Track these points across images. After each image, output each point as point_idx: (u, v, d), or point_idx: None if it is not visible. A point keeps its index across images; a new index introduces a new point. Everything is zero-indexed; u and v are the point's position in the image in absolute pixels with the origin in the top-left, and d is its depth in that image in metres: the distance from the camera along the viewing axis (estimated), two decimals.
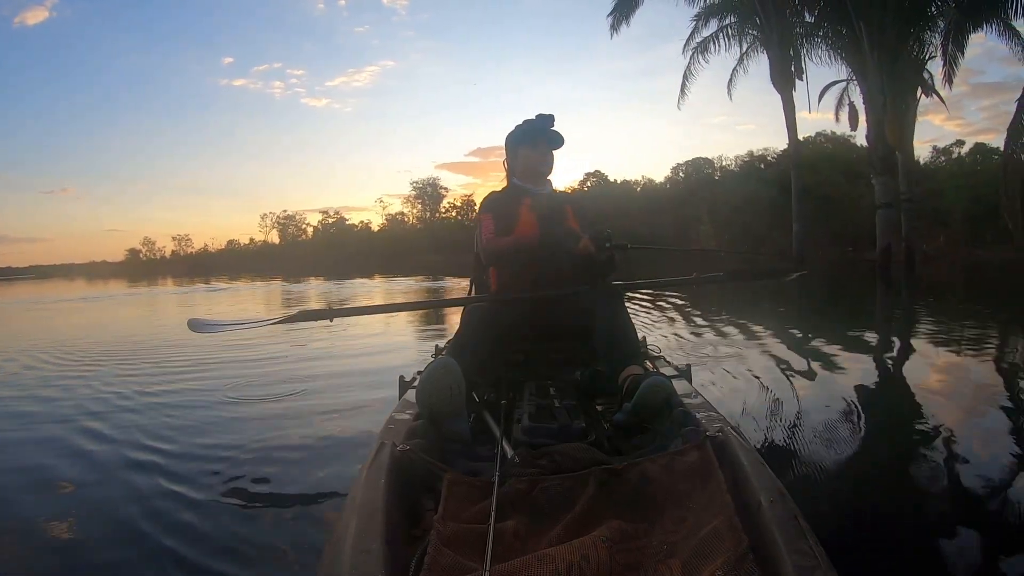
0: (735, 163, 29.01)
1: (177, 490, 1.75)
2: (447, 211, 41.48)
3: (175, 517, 1.56)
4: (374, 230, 43.45)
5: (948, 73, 10.19)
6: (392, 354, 4.10)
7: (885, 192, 10.63)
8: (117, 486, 1.81)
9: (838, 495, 1.67)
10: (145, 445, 2.18)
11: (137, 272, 35.72)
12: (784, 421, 2.30)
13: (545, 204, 1.79)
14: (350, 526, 0.80)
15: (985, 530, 1.43)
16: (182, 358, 4.13)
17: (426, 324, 5.72)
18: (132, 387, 3.22)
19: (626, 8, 11.92)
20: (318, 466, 1.93)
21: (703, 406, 1.28)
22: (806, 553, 0.69)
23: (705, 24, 12.49)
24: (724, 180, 27.23)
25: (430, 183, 41.72)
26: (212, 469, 1.93)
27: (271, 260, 37.03)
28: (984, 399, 2.63)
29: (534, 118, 1.84)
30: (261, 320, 1.99)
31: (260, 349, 4.37)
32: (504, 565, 0.71)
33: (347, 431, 2.27)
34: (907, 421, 2.34)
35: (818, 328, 4.82)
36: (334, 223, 44.90)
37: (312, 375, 3.40)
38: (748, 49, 12.27)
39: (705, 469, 0.90)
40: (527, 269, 1.71)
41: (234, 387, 3.13)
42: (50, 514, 1.63)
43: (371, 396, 2.76)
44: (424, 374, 1.21)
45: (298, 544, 1.41)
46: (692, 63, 12.65)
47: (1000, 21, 9.83)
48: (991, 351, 3.93)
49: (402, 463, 0.96)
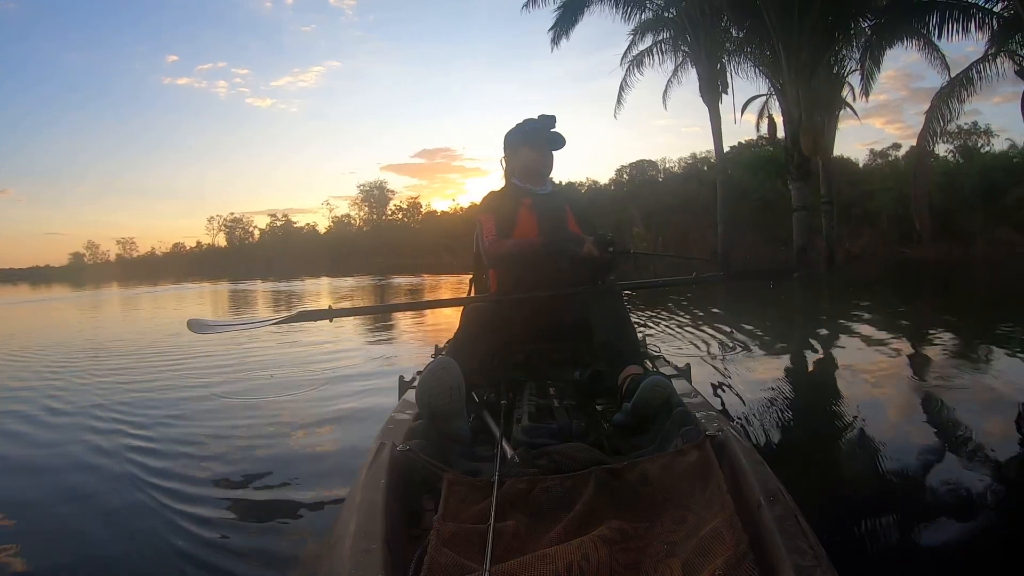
0: (678, 165, 29.47)
1: (176, 490, 1.75)
2: (393, 213, 41.71)
3: (174, 517, 1.56)
4: (321, 233, 43.55)
5: (865, 87, 11.34)
6: (392, 354, 4.10)
7: (800, 196, 11.47)
8: (113, 489, 1.81)
9: (838, 494, 1.67)
10: (145, 444, 2.18)
11: (82, 276, 35.41)
12: (784, 421, 2.30)
13: (545, 205, 1.79)
14: (350, 526, 0.80)
15: (986, 530, 1.43)
16: (172, 359, 4.13)
17: (426, 324, 5.72)
18: (131, 388, 3.22)
19: (566, 24, 12.61)
20: (318, 466, 1.93)
21: (703, 406, 1.28)
22: (806, 553, 0.69)
23: (641, 38, 13.45)
24: (666, 182, 27.50)
25: (377, 186, 41.95)
26: (211, 470, 1.93)
27: (219, 263, 36.98)
28: (989, 400, 2.63)
29: (535, 118, 1.83)
30: (261, 320, 1.99)
31: (260, 349, 4.37)
32: (504, 565, 0.71)
33: (347, 431, 2.27)
34: (906, 419, 2.34)
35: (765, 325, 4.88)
36: (282, 226, 44.94)
37: (311, 375, 3.40)
38: (681, 63, 13.36)
39: (705, 469, 0.90)
40: (528, 270, 1.71)
41: (233, 387, 3.13)
42: (45, 514, 1.64)
43: (370, 396, 2.76)
44: (424, 374, 1.21)
45: (298, 544, 1.42)
46: (628, 75, 13.63)
47: (920, 37, 10.60)
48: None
49: (402, 463, 0.96)
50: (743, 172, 21.11)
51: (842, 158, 20.61)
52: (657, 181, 28.45)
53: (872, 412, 2.41)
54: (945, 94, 9.23)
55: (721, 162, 13.65)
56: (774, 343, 4.24)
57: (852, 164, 21.89)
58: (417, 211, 41.18)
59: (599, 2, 12.44)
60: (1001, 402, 2.57)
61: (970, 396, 2.64)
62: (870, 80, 11.23)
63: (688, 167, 27.62)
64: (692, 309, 5.98)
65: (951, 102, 9.12)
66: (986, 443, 2.02)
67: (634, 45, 13.54)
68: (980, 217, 15.13)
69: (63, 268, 49.18)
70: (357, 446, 2.01)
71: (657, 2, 12.85)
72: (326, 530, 1.31)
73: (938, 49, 10.72)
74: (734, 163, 21.74)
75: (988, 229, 14.87)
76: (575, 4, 12.35)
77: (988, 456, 1.90)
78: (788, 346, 4.18)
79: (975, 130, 20.65)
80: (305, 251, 37.79)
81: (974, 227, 15.14)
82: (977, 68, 9.15)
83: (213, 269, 32.19)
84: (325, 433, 2.29)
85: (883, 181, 17.06)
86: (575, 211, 1.84)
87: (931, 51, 10.84)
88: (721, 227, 12.57)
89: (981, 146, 20.34)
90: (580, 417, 1.29)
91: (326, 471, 1.88)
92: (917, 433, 2.19)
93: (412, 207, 41.51)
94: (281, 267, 27.87)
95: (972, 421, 2.28)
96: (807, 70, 10.63)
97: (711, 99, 12.65)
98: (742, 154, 22.84)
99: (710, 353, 3.71)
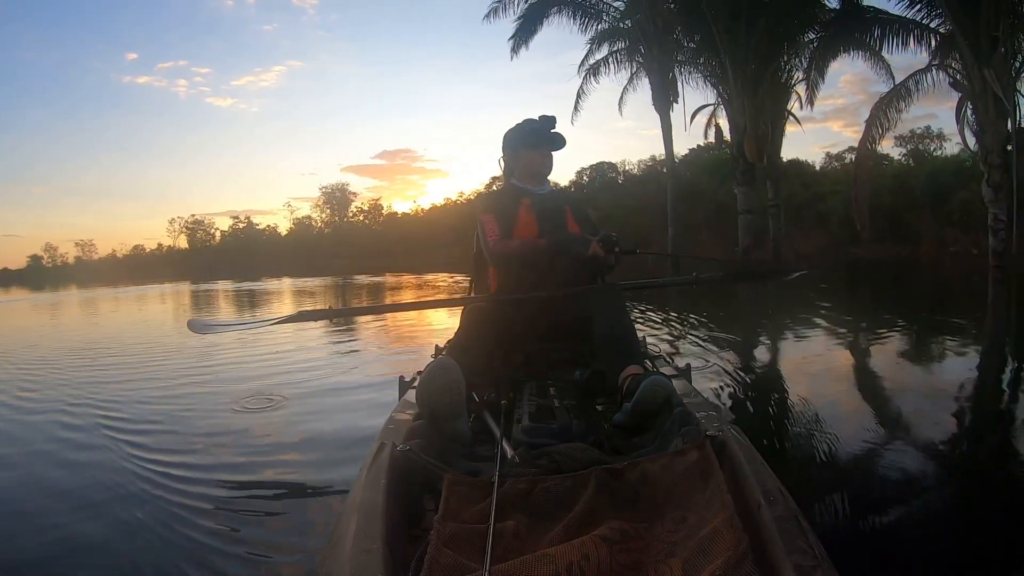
0: (637, 167, 29.45)
1: (176, 491, 1.75)
2: (354, 215, 41.93)
3: (173, 518, 1.56)
4: (282, 235, 43.67)
5: (810, 96, 12.27)
6: (391, 354, 4.10)
7: (746, 200, 12.12)
8: (113, 488, 1.80)
9: (838, 494, 1.67)
10: (144, 446, 2.18)
11: (41, 279, 35.35)
12: (784, 420, 2.30)
13: (544, 205, 1.79)
14: (350, 526, 0.80)
15: (987, 530, 1.43)
16: (168, 360, 4.13)
17: (425, 324, 5.72)
18: (129, 389, 3.22)
19: (525, 35, 13.09)
20: (317, 466, 1.93)
21: (703, 406, 1.28)
22: (806, 552, 0.69)
23: (598, 47, 14.03)
24: (626, 184, 27.46)
25: (339, 188, 42.26)
26: (211, 470, 1.93)
27: (180, 265, 36.90)
28: (987, 397, 2.64)
29: (536, 119, 1.83)
30: (260, 321, 2.00)
31: (259, 350, 4.37)
32: (504, 565, 0.71)
33: (347, 431, 2.27)
34: (904, 418, 2.34)
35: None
36: (244, 228, 45.01)
37: (311, 375, 3.40)
38: (636, 72, 14.03)
39: (705, 469, 0.90)
40: (529, 270, 1.71)
41: (232, 388, 3.13)
42: (44, 514, 1.63)
43: (370, 396, 2.76)
44: (424, 374, 1.21)
45: (298, 544, 1.42)
46: (585, 83, 14.20)
47: (865, 48, 11.19)
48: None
49: (402, 463, 0.96)
50: (700, 174, 21.43)
51: (798, 161, 21.38)
52: (617, 183, 28.47)
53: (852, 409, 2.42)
54: (884, 103, 9.77)
55: (671, 168, 14.41)
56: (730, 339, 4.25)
57: (809, 167, 22.50)
58: (378, 213, 41.57)
59: (557, 13, 12.96)
60: (1002, 402, 2.57)
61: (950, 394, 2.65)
62: (815, 89, 12.14)
63: (648, 169, 27.61)
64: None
65: (890, 111, 9.72)
66: (986, 443, 2.02)
67: (591, 54, 14.16)
68: (928, 218, 15.67)
69: (21, 271, 48.90)
70: (357, 446, 1.99)
71: (613, 14, 13.46)
72: (326, 530, 1.32)
73: (883, 59, 11.28)
74: (692, 165, 22.52)
75: (935, 230, 15.35)
76: (534, 16, 12.87)
77: (988, 456, 1.90)
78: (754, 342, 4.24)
79: (928, 134, 21.55)
80: (267, 253, 37.95)
81: (922, 228, 15.70)
82: (916, 79, 9.74)
83: (175, 271, 32.17)
84: (324, 433, 2.28)
85: (835, 184, 17.44)
86: (574, 212, 1.84)
87: (877, 61, 11.39)
88: (671, 229, 13.21)
89: (934, 150, 21.17)
90: (580, 417, 1.29)
91: (325, 471, 1.87)
92: (917, 433, 2.19)
93: (373, 209, 41.90)
94: (243, 269, 28.02)
95: (972, 420, 2.28)
96: (752, 81, 11.40)
97: (663, 108, 13.41)
98: (700, 156, 23.01)
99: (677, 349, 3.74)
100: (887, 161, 21.21)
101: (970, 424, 2.26)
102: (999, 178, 8.90)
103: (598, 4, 13.18)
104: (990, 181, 8.98)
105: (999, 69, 8.65)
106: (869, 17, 10.52)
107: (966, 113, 9.69)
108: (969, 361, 3.51)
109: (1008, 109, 8.97)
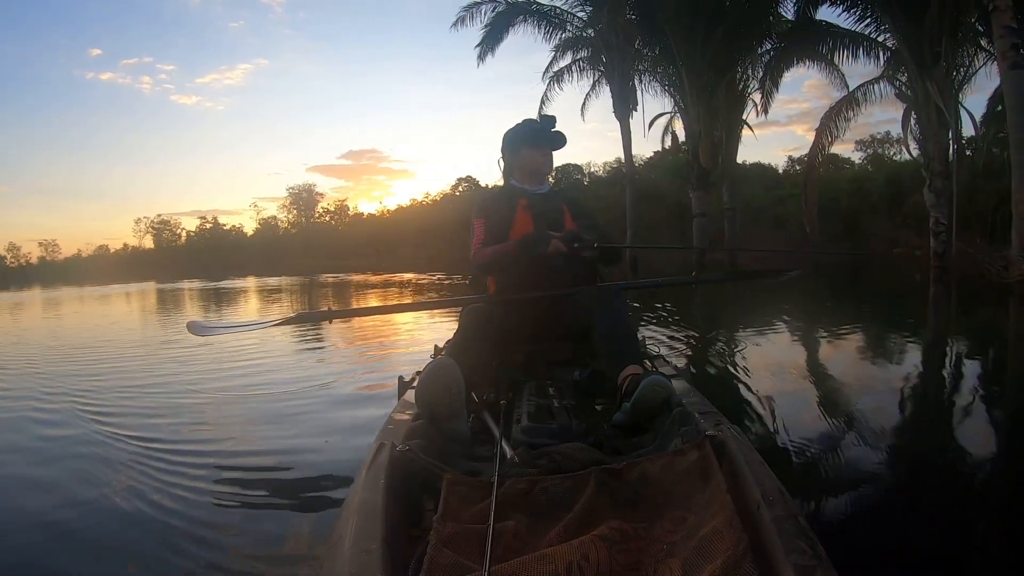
0: (603, 169, 29.62)
1: (175, 491, 1.74)
2: (320, 216, 42.11)
3: (173, 518, 1.56)
4: (248, 235, 43.64)
5: (765, 104, 12.81)
6: (391, 354, 4.10)
7: (700, 204, 12.58)
8: (112, 487, 1.80)
9: (838, 494, 1.67)
10: (144, 445, 2.18)
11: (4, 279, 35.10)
12: (783, 420, 2.30)
13: (541, 205, 1.79)
14: (350, 526, 0.80)
15: (988, 529, 1.43)
16: (165, 360, 4.13)
17: (425, 324, 5.72)
18: (127, 389, 3.22)
19: (491, 42, 13.28)
20: (317, 467, 1.93)
21: (703, 405, 1.28)
22: (806, 553, 0.69)
23: (562, 55, 14.25)
24: (591, 185, 27.54)
25: (306, 189, 42.40)
26: (210, 471, 1.93)
27: (146, 265, 36.75)
28: (988, 398, 2.64)
29: (536, 119, 1.84)
30: (260, 322, 2.00)
31: (258, 350, 4.36)
32: (504, 565, 0.71)
33: (346, 431, 2.27)
34: (903, 416, 2.34)
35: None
36: (210, 228, 44.95)
37: (310, 376, 3.40)
38: (598, 79, 14.36)
39: (705, 469, 0.90)
40: (526, 270, 1.71)
41: (232, 388, 3.13)
42: (41, 512, 1.63)
43: (370, 396, 2.76)
44: (423, 374, 1.21)
45: (298, 544, 1.41)
46: (549, 90, 14.51)
47: (819, 59, 11.72)
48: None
49: (402, 463, 0.96)
50: (663, 176, 21.72)
51: (761, 164, 22.19)
52: (583, 184, 28.54)
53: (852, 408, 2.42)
54: (834, 112, 10.32)
55: (631, 173, 14.85)
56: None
57: (772, 170, 22.94)
58: (344, 213, 41.73)
59: (523, 22, 13.22)
60: (997, 402, 2.57)
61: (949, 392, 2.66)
62: (769, 98, 12.71)
63: (613, 171, 27.69)
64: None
65: (839, 120, 10.31)
66: (987, 444, 2.02)
67: (556, 61, 14.46)
68: (883, 220, 16.19)
69: None
70: (356, 446, 1.99)
71: (577, 23, 13.69)
72: (326, 530, 1.32)
73: (838, 68, 11.82)
74: (656, 168, 23.00)
75: (888, 232, 15.83)
76: (500, 24, 13.08)
77: (989, 457, 1.90)
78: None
79: (888, 139, 22.37)
80: (233, 253, 37.87)
81: (877, 230, 16.15)
82: (864, 90, 10.43)
83: (140, 271, 32.07)
84: (323, 433, 2.28)
85: (795, 187, 17.83)
86: (572, 210, 1.84)
87: (831, 70, 11.93)
88: (630, 231, 13.65)
89: (894, 154, 21.99)
90: (580, 417, 1.29)
91: (325, 471, 1.87)
92: (916, 432, 2.19)
93: (339, 209, 42.10)
94: (209, 269, 28.03)
95: (972, 420, 2.28)
96: (707, 90, 11.68)
97: (623, 115, 13.67)
98: (663, 159, 23.15)
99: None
100: (848, 165, 22.24)
101: (970, 424, 2.26)
102: (940, 184, 9.36)
103: (562, 14, 13.58)
104: (932, 187, 9.40)
105: (941, 82, 9.11)
106: (822, 30, 11.08)
107: (911, 123, 10.23)
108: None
109: (949, 120, 9.50)
